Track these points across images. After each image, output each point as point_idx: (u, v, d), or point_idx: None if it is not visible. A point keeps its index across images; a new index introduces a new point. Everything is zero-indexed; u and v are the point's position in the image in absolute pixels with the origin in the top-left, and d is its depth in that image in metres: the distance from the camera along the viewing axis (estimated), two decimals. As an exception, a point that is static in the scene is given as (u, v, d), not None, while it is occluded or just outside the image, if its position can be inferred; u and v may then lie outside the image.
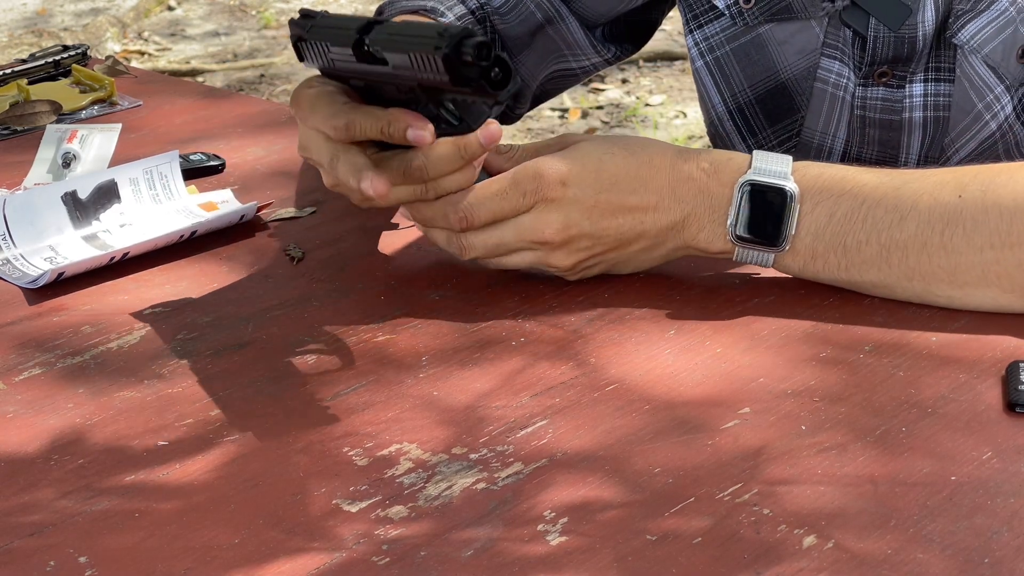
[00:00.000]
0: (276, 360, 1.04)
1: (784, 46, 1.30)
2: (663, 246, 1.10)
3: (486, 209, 1.06)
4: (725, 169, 1.08)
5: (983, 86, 1.24)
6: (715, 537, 0.83)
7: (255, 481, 0.90)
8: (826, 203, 1.06)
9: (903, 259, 1.05)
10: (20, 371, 1.04)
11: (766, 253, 1.08)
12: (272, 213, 1.28)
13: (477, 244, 1.08)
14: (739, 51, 1.32)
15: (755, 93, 1.33)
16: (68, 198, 1.24)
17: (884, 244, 1.05)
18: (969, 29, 1.23)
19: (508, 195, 1.06)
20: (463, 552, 0.83)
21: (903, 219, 1.05)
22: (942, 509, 0.85)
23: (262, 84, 4.64)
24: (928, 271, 1.05)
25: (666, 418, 0.95)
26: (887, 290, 1.07)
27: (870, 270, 1.06)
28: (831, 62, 1.28)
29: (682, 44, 4.61)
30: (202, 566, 0.82)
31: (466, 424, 0.95)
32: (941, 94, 1.27)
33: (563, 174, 1.06)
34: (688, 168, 1.08)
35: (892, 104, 1.28)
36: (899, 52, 1.25)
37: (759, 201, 1.06)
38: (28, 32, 5.19)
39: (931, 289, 1.06)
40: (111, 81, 1.58)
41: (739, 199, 1.07)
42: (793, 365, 1.01)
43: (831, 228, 1.06)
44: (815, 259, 1.07)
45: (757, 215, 1.07)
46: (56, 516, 0.87)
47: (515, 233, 1.07)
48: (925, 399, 0.96)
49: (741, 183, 1.07)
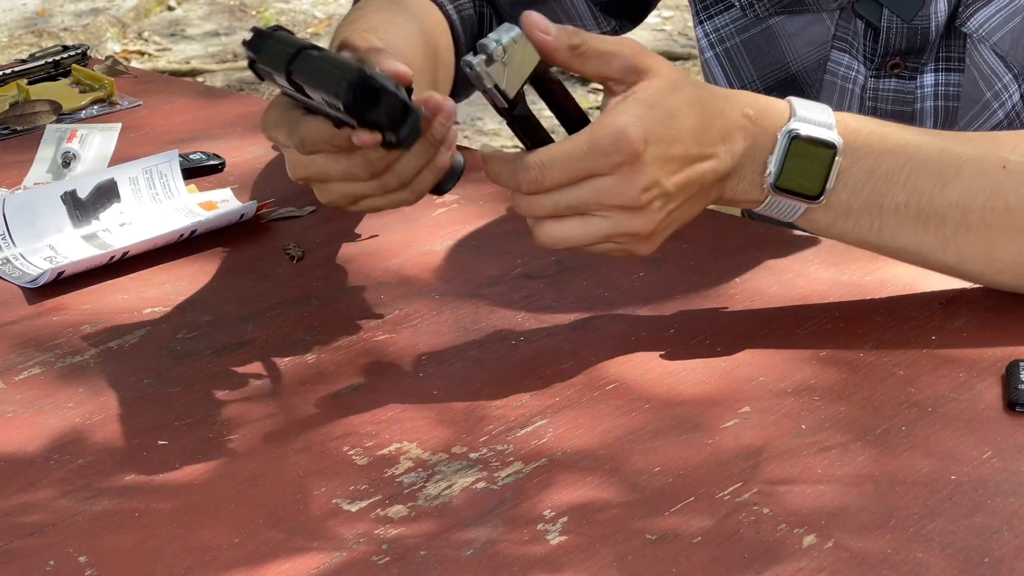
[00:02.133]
0: (276, 360, 1.04)
1: (794, 38, 1.30)
2: (709, 195, 1.03)
3: (560, 169, 0.97)
4: (767, 116, 1.02)
5: (992, 75, 1.24)
6: (715, 537, 0.83)
7: (255, 481, 0.90)
8: (867, 159, 1.02)
9: (940, 228, 1.02)
10: (20, 371, 1.04)
11: (799, 204, 1.03)
12: (272, 212, 1.28)
13: (547, 204, 0.98)
14: (749, 42, 1.32)
15: (765, 84, 1.33)
16: (68, 197, 1.24)
17: (923, 209, 1.02)
18: (978, 18, 1.23)
19: (586, 155, 0.96)
20: (463, 552, 0.83)
21: (945, 185, 1.01)
22: (942, 508, 0.85)
23: (262, 84, 4.63)
24: (964, 243, 1.02)
25: (666, 417, 0.95)
26: (917, 258, 1.04)
27: (904, 235, 1.03)
28: (841, 55, 1.28)
29: (682, 44, 4.61)
30: (202, 566, 0.82)
31: (466, 424, 0.95)
32: (951, 84, 1.27)
33: (644, 133, 0.97)
34: (734, 115, 1.01)
35: (904, 95, 1.28)
36: (912, 43, 1.25)
37: (803, 153, 1.01)
38: (28, 32, 5.18)
39: (964, 263, 1.03)
40: (111, 81, 1.58)
41: (783, 148, 1.01)
42: (793, 364, 1.01)
43: (870, 186, 1.02)
44: (848, 216, 1.03)
45: (799, 165, 1.01)
46: (56, 516, 0.87)
47: (595, 194, 0.97)
48: (925, 398, 0.96)
49: (785, 132, 1.01)
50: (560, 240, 0.99)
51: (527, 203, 0.98)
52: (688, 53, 4.51)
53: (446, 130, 0.99)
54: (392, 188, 1.01)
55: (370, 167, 0.99)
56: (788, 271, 1.12)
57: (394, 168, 1.00)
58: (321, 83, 0.95)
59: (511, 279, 1.14)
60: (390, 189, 1.01)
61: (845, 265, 1.13)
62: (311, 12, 5.36)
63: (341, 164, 1.00)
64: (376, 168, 0.99)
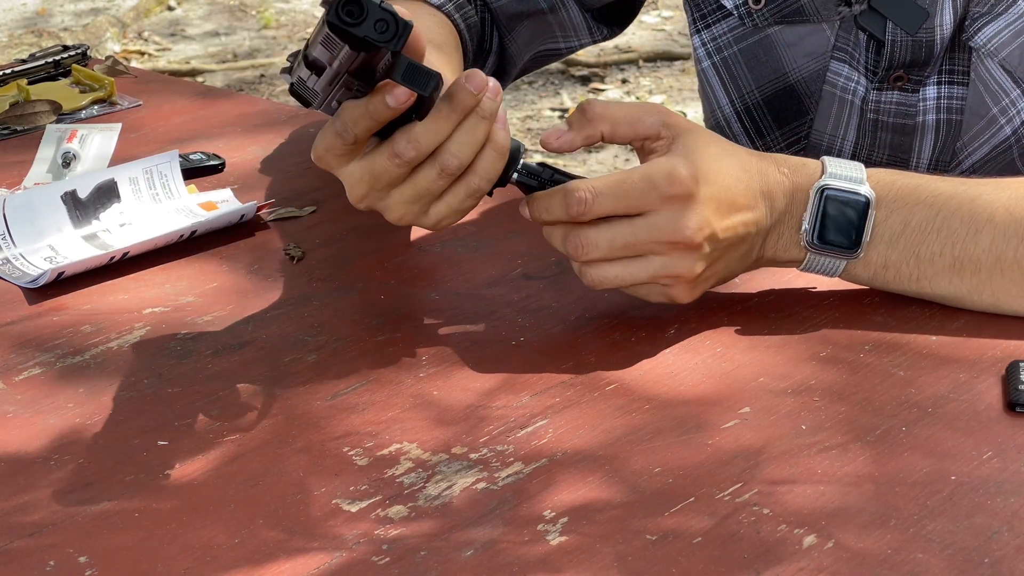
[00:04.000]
0: (276, 360, 1.04)
1: (793, 48, 1.30)
2: (752, 253, 1.05)
3: (610, 195, 0.98)
4: (801, 173, 1.04)
5: (998, 90, 1.24)
6: (715, 537, 0.83)
7: (255, 481, 0.90)
8: (901, 211, 1.04)
9: (976, 273, 1.04)
10: (20, 371, 1.04)
11: (838, 260, 1.05)
12: (272, 213, 1.28)
13: (602, 241, 0.99)
14: (747, 52, 1.32)
15: (763, 95, 1.33)
16: (68, 198, 1.24)
17: (958, 257, 1.04)
18: (986, 32, 1.23)
19: (637, 185, 0.99)
20: (463, 552, 0.83)
21: (978, 232, 1.03)
22: (942, 509, 0.85)
23: (262, 84, 4.64)
24: (1000, 287, 1.04)
25: (666, 417, 0.95)
26: (956, 301, 1.06)
27: (941, 282, 1.05)
28: (840, 65, 1.28)
29: (682, 44, 4.61)
30: (202, 566, 0.82)
31: (466, 424, 0.95)
32: (954, 97, 1.26)
33: (696, 172, 0.99)
34: (772, 172, 1.04)
35: (906, 108, 1.27)
36: (916, 56, 1.25)
37: (835, 207, 1.03)
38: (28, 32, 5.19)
39: (1000, 303, 1.04)
40: (111, 81, 1.58)
41: (816, 205, 1.03)
42: (793, 365, 1.01)
43: (905, 237, 1.04)
44: (887, 269, 1.05)
45: (833, 221, 1.03)
46: (56, 516, 0.87)
47: (648, 231, 0.99)
48: (925, 399, 0.96)
49: (817, 188, 1.03)
50: (607, 280, 1.01)
51: (585, 243, 1.00)
52: (688, 53, 4.51)
53: (495, 105, 0.98)
54: (453, 170, 0.98)
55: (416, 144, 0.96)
56: (788, 271, 1.12)
57: (446, 147, 0.97)
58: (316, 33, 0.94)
59: (511, 279, 1.14)
60: (451, 172, 0.98)
61: (845, 265, 1.13)
62: (311, 12, 5.36)
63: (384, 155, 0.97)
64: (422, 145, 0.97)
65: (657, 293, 1.03)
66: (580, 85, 4.31)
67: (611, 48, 4.56)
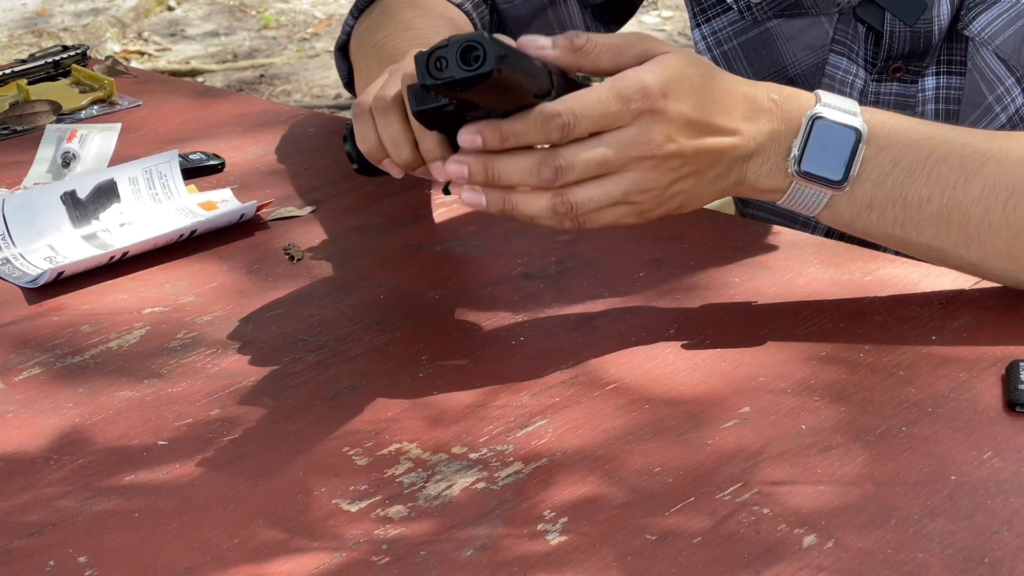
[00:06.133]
0: (276, 360, 1.04)
1: (792, 41, 1.30)
2: (728, 177, 1.02)
3: (588, 116, 0.96)
4: (793, 102, 1.02)
5: (994, 78, 1.24)
6: (715, 537, 0.83)
7: (255, 481, 0.90)
8: (891, 150, 1.02)
9: (963, 223, 1.02)
10: (20, 371, 1.04)
11: (823, 192, 1.02)
12: (272, 212, 1.28)
13: (578, 162, 0.96)
14: (747, 45, 1.33)
15: None
16: (67, 197, 1.24)
17: (946, 204, 1.02)
18: (980, 21, 1.23)
19: (611, 103, 0.96)
20: (463, 552, 0.83)
21: (968, 180, 1.01)
22: (942, 509, 0.85)
23: (262, 84, 4.64)
24: (987, 240, 1.02)
25: (666, 417, 0.95)
26: (941, 254, 1.04)
27: (927, 230, 1.03)
28: (839, 58, 1.28)
29: (682, 44, 4.61)
30: (202, 565, 0.82)
31: (466, 424, 0.95)
32: (952, 87, 1.27)
33: (665, 87, 0.97)
34: (760, 98, 1.02)
35: (906, 99, 1.28)
36: (915, 47, 1.25)
37: (826, 135, 1.01)
38: (28, 32, 5.19)
39: (987, 260, 1.03)
40: (111, 81, 1.58)
41: (805, 132, 1.01)
42: (793, 364, 1.01)
43: (893, 177, 1.02)
44: (871, 209, 1.03)
45: (823, 149, 1.01)
46: (56, 516, 0.87)
47: (618, 147, 0.97)
48: (925, 398, 0.96)
49: (809, 116, 1.01)
50: (585, 204, 0.98)
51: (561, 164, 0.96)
52: (688, 53, 4.52)
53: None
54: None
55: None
56: (788, 271, 1.12)
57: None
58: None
59: (511, 279, 1.14)
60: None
61: (845, 265, 1.13)
62: (311, 12, 5.36)
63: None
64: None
65: (625, 212, 1.00)
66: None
67: (611, 48, 4.56)
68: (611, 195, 0.98)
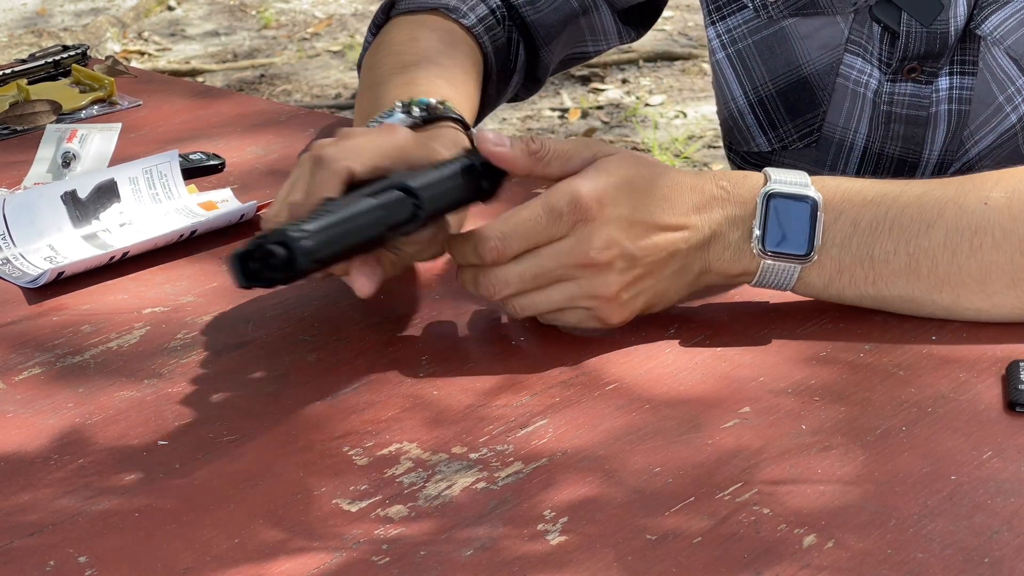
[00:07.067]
0: (276, 360, 1.04)
1: (807, 40, 1.30)
2: (691, 269, 1.03)
3: (520, 236, 0.99)
4: (743, 185, 1.04)
5: (1005, 78, 1.24)
6: (715, 537, 0.83)
7: (255, 481, 0.90)
8: (849, 212, 1.03)
9: (933, 268, 1.03)
10: (20, 371, 1.04)
11: (793, 266, 1.03)
12: (272, 213, 1.28)
13: (512, 278, 1.00)
14: (761, 44, 1.33)
15: (776, 87, 1.33)
16: (68, 197, 1.24)
17: (912, 254, 1.03)
18: (992, 20, 1.23)
19: (542, 219, 0.99)
20: (463, 552, 0.83)
21: (930, 227, 1.02)
22: (942, 509, 0.85)
23: (262, 84, 4.64)
24: (958, 280, 1.03)
25: (666, 417, 0.95)
26: (915, 304, 1.04)
27: (898, 282, 1.03)
28: (853, 58, 1.28)
29: (682, 44, 4.61)
30: (202, 566, 0.82)
31: (466, 424, 0.95)
32: (964, 87, 1.27)
33: (599, 194, 0.99)
34: (708, 187, 1.03)
35: (920, 100, 1.28)
36: (931, 48, 1.25)
37: (784, 210, 1.02)
38: (28, 32, 5.18)
39: (960, 301, 1.03)
40: (111, 81, 1.58)
41: (763, 211, 1.02)
42: (793, 365, 1.01)
43: (857, 238, 1.03)
44: (841, 273, 1.04)
45: (784, 225, 1.02)
46: (56, 516, 0.87)
47: (555, 258, 1.00)
48: (925, 399, 0.96)
49: (763, 194, 1.02)
50: (528, 309, 1.02)
51: (494, 283, 1.01)
52: (688, 53, 4.52)
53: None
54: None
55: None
56: (788, 271, 1.12)
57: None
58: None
59: (511, 279, 1.14)
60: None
61: (845, 265, 1.13)
62: (311, 12, 5.36)
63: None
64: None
65: (584, 317, 1.03)
66: (580, 85, 4.30)
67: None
68: (555, 302, 1.02)
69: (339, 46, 4.89)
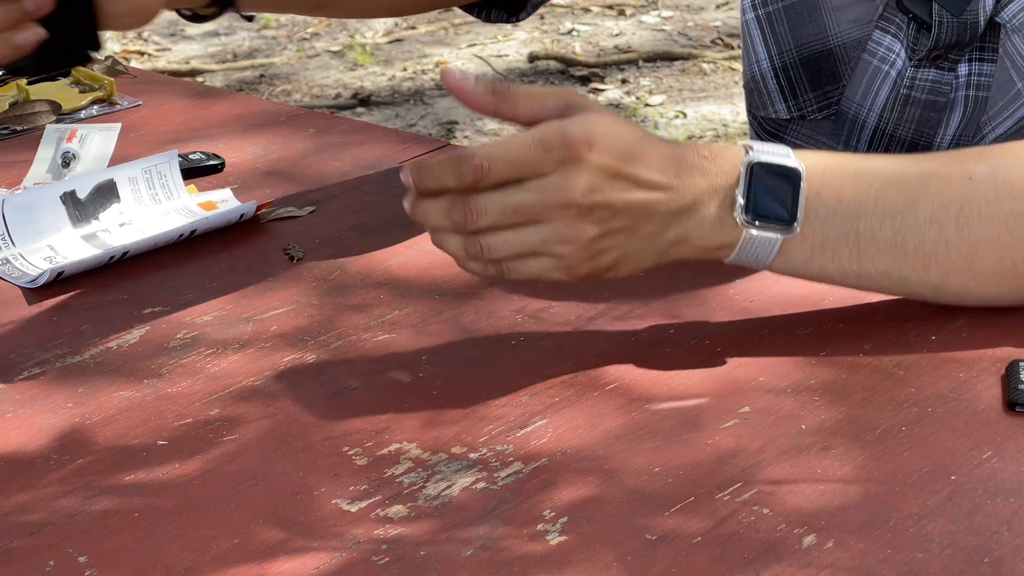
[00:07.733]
0: (276, 360, 1.04)
1: (838, 13, 1.30)
2: (666, 233, 1.00)
3: (506, 160, 0.95)
4: (724, 156, 1.01)
5: None
6: (715, 537, 0.83)
7: (255, 481, 0.90)
8: (832, 185, 1.01)
9: (919, 244, 1.01)
10: (20, 371, 1.04)
11: (774, 237, 1.00)
12: (272, 212, 1.28)
13: (492, 206, 0.96)
14: (791, 9, 1.32)
15: (801, 55, 1.33)
16: (67, 197, 1.24)
17: (898, 229, 1.01)
18: (1012, 8, 1.23)
19: (532, 150, 0.95)
20: (463, 552, 0.83)
21: (916, 202, 1.01)
22: (942, 509, 0.85)
23: (262, 84, 4.64)
24: (945, 257, 1.01)
25: (666, 417, 0.95)
26: (901, 282, 1.03)
27: (884, 259, 1.01)
28: (883, 35, 1.28)
29: (682, 44, 4.61)
30: (202, 566, 0.82)
31: (466, 424, 0.95)
32: (983, 74, 1.26)
33: (589, 138, 0.96)
34: (689, 155, 1.01)
35: (941, 86, 1.27)
36: (961, 37, 1.25)
37: (768, 178, 1.00)
38: (28, 32, 5.18)
39: (947, 279, 1.02)
40: (111, 81, 1.58)
41: (747, 179, 1.00)
42: (793, 364, 1.01)
43: (841, 211, 1.01)
44: (824, 248, 1.01)
45: (767, 192, 1.00)
46: (56, 516, 0.87)
47: (538, 193, 0.96)
48: (924, 398, 0.96)
49: (747, 162, 1.00)
50: (499, 249, 0.98)
51: (472, 208, 0.96)
52: (688, 53, 4.51)
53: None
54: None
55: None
56: (788, 271, 1.12)
57: None
58: None
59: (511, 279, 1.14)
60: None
61: (845, 265, 1.13)
62: (311, 12, 5.35)
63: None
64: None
65: (550, 266, 0.99)
66: (580, 85, 4.30)
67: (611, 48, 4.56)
68: (528, 243, 0.97)
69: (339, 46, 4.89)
